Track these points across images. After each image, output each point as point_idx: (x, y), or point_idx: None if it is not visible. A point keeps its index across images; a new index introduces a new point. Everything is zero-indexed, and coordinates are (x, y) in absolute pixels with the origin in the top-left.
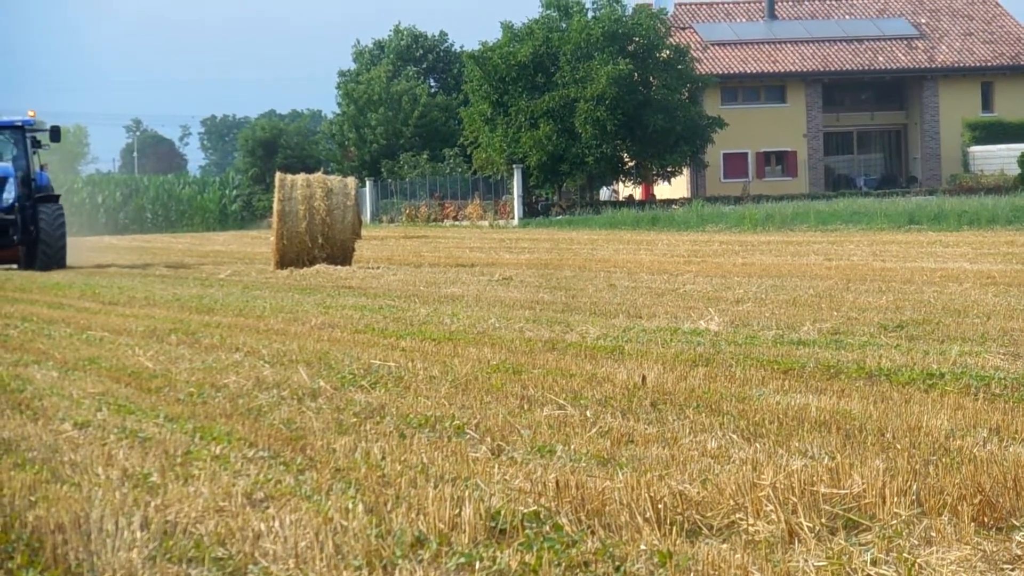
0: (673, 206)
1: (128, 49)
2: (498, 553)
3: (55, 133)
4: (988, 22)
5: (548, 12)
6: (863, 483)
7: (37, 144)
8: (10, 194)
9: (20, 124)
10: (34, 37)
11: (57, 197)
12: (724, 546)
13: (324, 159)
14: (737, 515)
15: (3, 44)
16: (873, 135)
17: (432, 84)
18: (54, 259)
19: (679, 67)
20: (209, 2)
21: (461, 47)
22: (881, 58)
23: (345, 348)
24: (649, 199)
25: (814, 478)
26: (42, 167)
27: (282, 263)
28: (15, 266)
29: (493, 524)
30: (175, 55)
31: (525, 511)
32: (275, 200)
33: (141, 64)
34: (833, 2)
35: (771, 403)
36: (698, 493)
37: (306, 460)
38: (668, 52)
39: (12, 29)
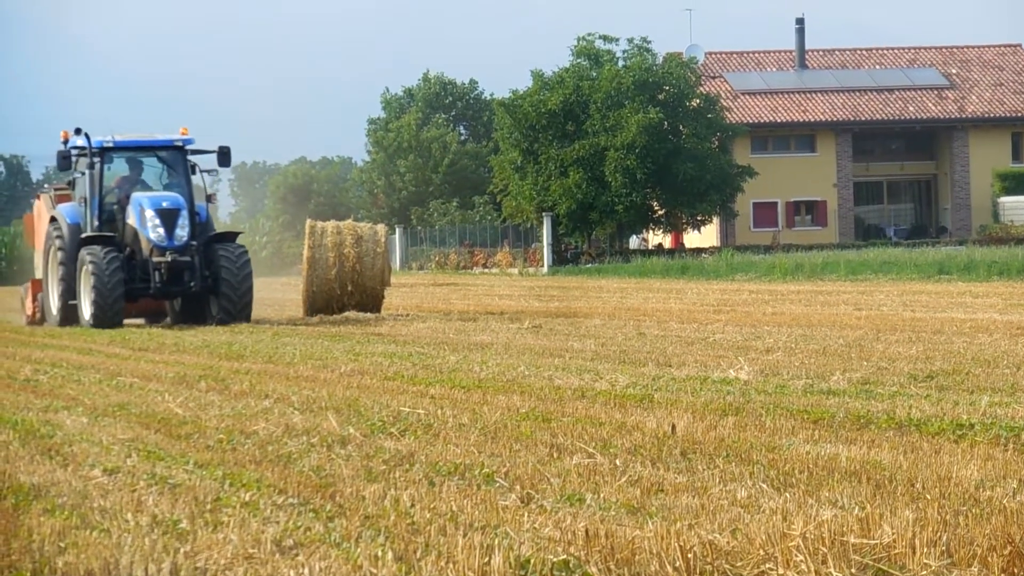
0: (703, 255)
1: (159, 94)
2: None
3: (224, 156)
4: (1018, 72)
5: (578, 61)
6: (893, 533)
7: (192, 169)
8: (183, 230)
9: (180, 144)
10: (66, 77)
11: (236, 235)
12: None
13: (354, 206)
14: (767, 565)
15: (32, 86)
16: (903, 185)
17: (462, 132)
18: (238, 311)
19: (709, 116)
20: (240, 53)
21: (491, 95)
22: (911, 108)
23: (375, 395)
24: (679, 248)
25: (844, 528)
26: (209, 197)
27: (312, 310)
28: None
29: (523, 573)
30: (206, 102)
31: (555, 560)
32: (305, 247)
33: (172, 109)
34: (863, 52)
35: (801, 453)
36: (728, 543)
37: (335, 507)
38: (698, 101)
39: (43, 71)
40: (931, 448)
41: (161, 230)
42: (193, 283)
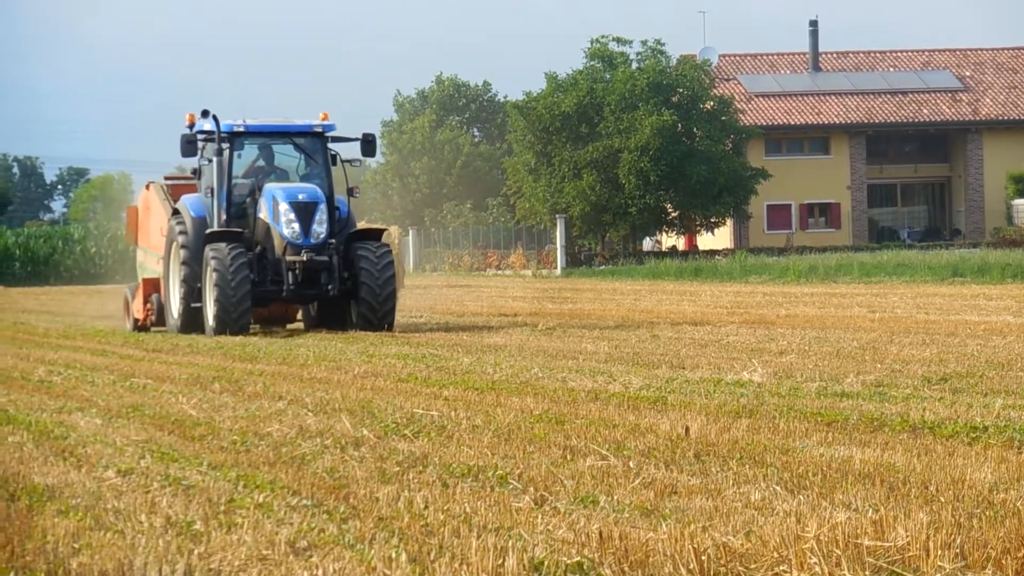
0: (716, 257)
1: (169, 97)
2: None
3: (369, 144)
4: None
5: (592, 63)
6: (907, 536)
7: (332, 159)
8: (322, 226)
9: (320, 130)
10: (78, 85)
11: (380, 233)
12: None
13: (368, 208)
14: (781, 567)
15: (46, 92)
16: (917, 187)
17: (475, 134)
18: (379, 319)
19: (723, 118)
20: (251, 55)
21: (505, 97)
22: (925, 111)
23: (388, 397)
24: (692, 250)
25: (858, 531)
26: (351, 191)
27: None
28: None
29: (536, 574)
30: (217, 103)
31: (568, 562)
32: None
33: (184, 107)
34: (877, 54)
35: (815, 455)
36: (742, 545)
37: (349, 509)
38: (712, 103)
39: (55, 79)
40: (945, 451)
41: (296, 226)
42: (330, 286)
